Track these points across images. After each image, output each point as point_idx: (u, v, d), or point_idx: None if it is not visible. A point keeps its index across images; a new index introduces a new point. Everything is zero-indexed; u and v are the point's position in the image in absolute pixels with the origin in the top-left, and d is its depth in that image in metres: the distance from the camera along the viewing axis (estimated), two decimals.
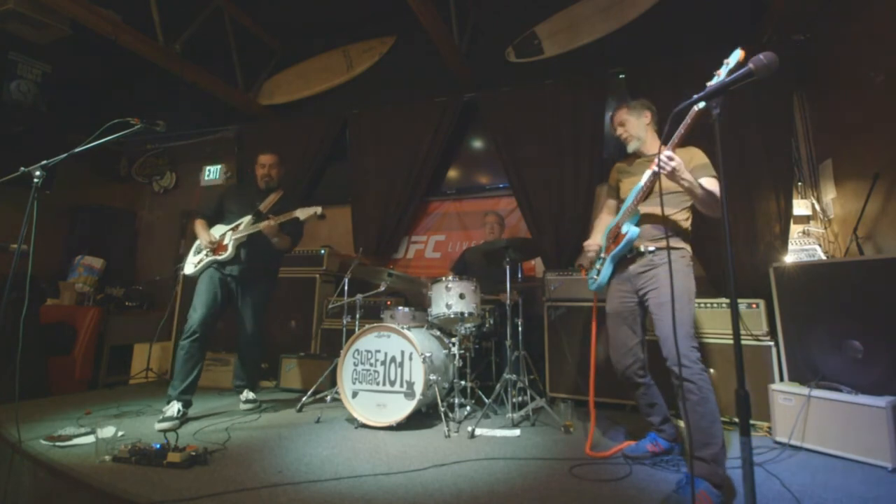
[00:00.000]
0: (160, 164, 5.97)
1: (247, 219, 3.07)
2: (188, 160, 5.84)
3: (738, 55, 1.53)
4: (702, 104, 1.55)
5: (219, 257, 3.00)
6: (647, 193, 2.01)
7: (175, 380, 2.79)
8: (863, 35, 2.91)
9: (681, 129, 1.75)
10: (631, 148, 2.25)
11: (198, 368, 2.85)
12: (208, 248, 3.02)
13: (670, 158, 1.77)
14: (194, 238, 3.14)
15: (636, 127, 2.22)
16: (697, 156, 2.06)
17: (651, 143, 2.23)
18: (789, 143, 3.46)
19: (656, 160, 1.80)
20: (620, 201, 2.27)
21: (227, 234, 3.06)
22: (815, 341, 2.46)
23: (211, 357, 4.02)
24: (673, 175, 1.81)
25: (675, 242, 2.04)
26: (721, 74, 1.55)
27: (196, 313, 2.87)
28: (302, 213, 2.92)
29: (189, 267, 3.10)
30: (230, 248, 2.98)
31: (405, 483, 1.85)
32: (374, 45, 4.93)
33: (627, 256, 2.11)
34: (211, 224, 3.15)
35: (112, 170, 5.98)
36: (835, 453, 2.20)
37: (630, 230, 2.03)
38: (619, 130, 2.28)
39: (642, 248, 2.06)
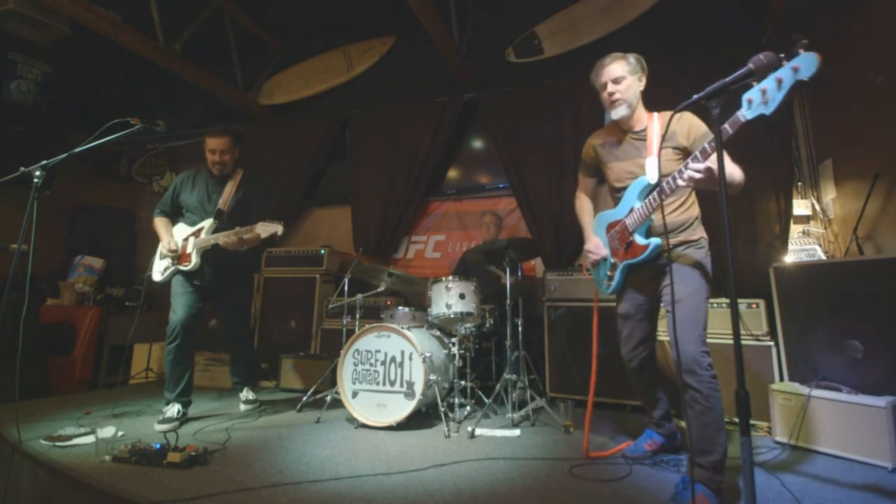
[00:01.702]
0: (160, 164, 5.97)
1: (208, 222, 2.85)
2: (188, 160, 5.82)
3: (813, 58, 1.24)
4: (748, 116, 1.37)
5: (183, 268, 2.83)
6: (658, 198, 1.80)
7: (169, 383, 2.77)
8: (863, 35, 2.91)
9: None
10: (618, 115, 1.93)
11: (189, 370, 2.84)
12: (169, 256, 2.85)
13: (699, 171, 1.55)
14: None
15: (632, 90, 1.90)
16: (695, 125, 1.83)
17: (640, 113, 1.96)
18: (789, 143, 3.47)
19: (685, 175, 1.59)
20: (611, 187, 2.08)
21: (189, 241, 2.85)
22: (815, 341, 2.46)
23: (210, 357, 4.02)
24: (709, 185, 1.58)
25: (690, 235, 1.89)
26: (785, 77, 1.27)
27: (176, 315, 2.79)
28: (263, 230, 2.63)
29: (156, 274, 2.95)
30: (194, 258, 2.80)
31: (405, 483, 1.85)
32: (374, 45, 4.93)
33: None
34: (173, 221, 3.00)
35: (112, 170, 5.97)
36: (835, 453, 2.20)
37: (651, 241, 1.86)
38: (611, 88, 1.89)
39: None
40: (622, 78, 1.89)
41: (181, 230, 2.95)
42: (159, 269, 2.95)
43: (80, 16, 3.77)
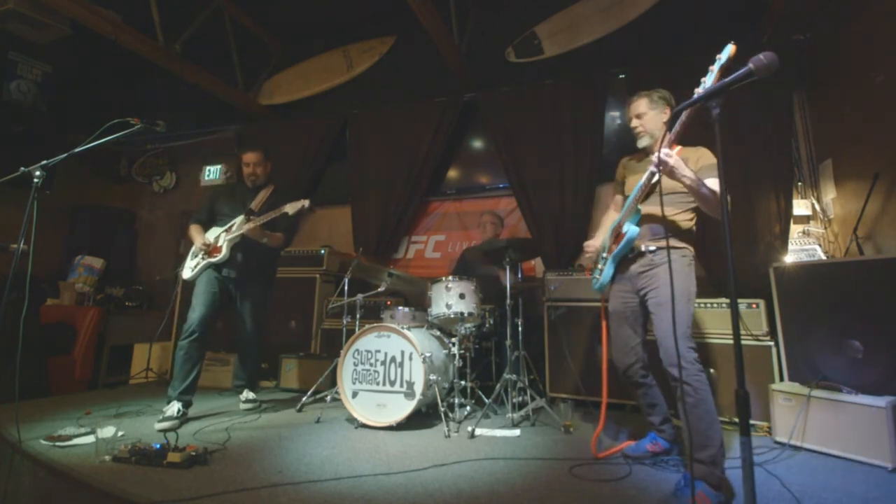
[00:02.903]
0: (160, 164, 5.97)
1: (239, 219, 3.07)
2: (188, 160, 5.84)
3: (729, 50, 1.54)
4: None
5: (213, 259, 3.00)
6: (647, 191, 1.98)
7: (175, 380, 2.79)
8: (863, 35, 2.91)
9: (677, 127, 1.74)
10: (642, 144, 2.17)
11: (197, 368, 2.86)
12: (202, 251, 3.03)
13: (668, 156, 1.76)
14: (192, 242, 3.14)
15: (653, 123, 2.12)
16: (706, 156, 2.01)
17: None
18: (789, 143, 3.46)
19: (654, 158, 1.80)
20: (625, 198, 2.23)
21: (220, 236, 3.06)
22: (815, 341, 2.46)
23: (211, 357, 4.02)
24: (672, 173, 1.79)
25: (676, 242, 2.01)
26: (714, 70, 1.58)
27: (195, 313, 2.88)
28: (291, 208, 2.91)
29: (187, 271, 3.09)
30: (224, 250, 2.99)
31: (405, 483, 1.85)
32: (374, 45, 4.92)
33: (629, 256, 2.09)
34: (206, 228, 3.15)
35: (112, 170, 5.98)
36: (835, 453, 2.20)
37: (630, 230, 2.00)
38: (635, 122, 2.16)
39: (643, 248, 2.03)
40: (644, 113, 2.13)
41: (214, 231, 3.14)
42: (190, 266, 3.10)
43: (80, 16, 3.77)
